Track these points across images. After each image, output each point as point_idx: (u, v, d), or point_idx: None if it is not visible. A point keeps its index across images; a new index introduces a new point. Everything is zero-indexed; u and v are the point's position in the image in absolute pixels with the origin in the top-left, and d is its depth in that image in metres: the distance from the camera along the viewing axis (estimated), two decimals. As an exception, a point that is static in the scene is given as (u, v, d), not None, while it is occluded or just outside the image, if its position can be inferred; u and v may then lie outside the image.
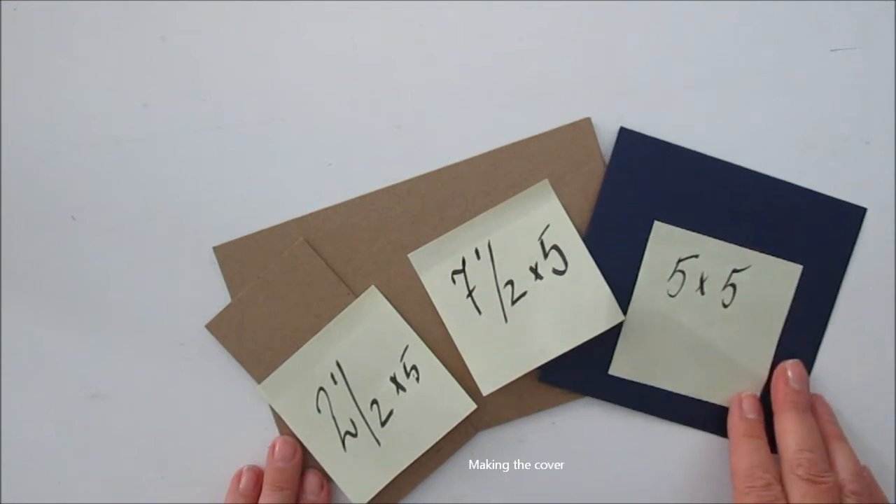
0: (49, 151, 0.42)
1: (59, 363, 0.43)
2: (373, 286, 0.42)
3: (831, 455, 0.39)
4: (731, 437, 0.40)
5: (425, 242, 0.42)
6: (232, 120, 0.42)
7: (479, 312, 0.41)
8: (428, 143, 0.42)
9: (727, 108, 0.42)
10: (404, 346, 0.42)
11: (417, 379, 0.42)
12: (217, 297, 0.42)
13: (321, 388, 0.42)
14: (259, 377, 0.42)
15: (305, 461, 0.43)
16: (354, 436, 0.42)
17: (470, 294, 0.42)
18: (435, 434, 0.42)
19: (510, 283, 0.41)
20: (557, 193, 0.41)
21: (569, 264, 0.41)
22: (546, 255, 0.41)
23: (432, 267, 0.42)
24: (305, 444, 0.42)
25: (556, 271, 0.41)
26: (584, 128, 0.41)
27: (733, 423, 0.41)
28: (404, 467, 0.42)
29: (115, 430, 0.43)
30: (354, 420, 0.42)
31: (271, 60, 0.42)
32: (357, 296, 0.42)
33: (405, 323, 0.42)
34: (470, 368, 0.41)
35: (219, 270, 0.42)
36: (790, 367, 0.41)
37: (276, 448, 0.42)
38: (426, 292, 0.42)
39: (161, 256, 0.42)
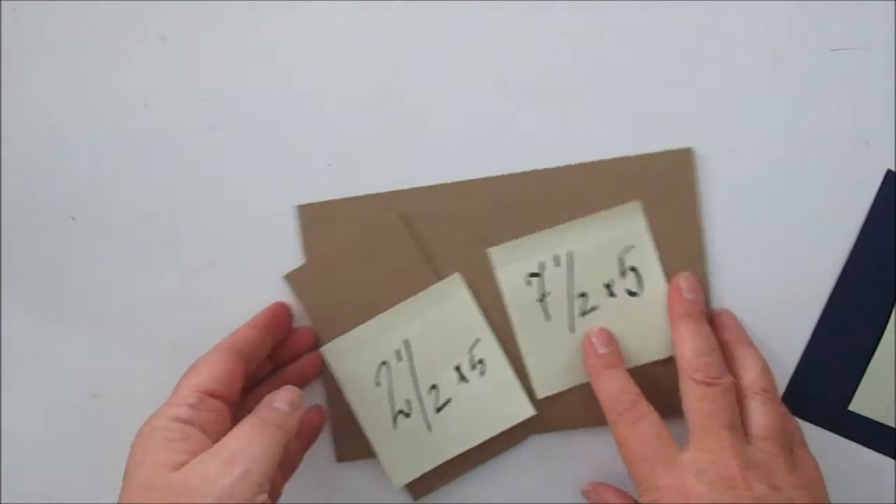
0: (49, 151, 0.42)
1: (59, 363, 0.43)
2: (457, 273, 0.42)
3: (739, 359, 0.39)
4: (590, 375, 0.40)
5: (508, 239, 0.41)
6: (232, 120, 0.42)
7: (548, 318, 0.41)
8: (428, 143, 0.42)
9: (727, 108, 0.42)
10: (476, 339, 0.42)
11: (482, 373, 0.42)
12: (216, 296, 0.42)
13: (384, 362, 0.42)
14: (325, 338, 0.42)
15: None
16: (407, 416, 0.42)
17: (542, 298, 0.41)
18: (487, 431, 0.42)
19: (583, 295, 0.41)
20: (646, 217, 0.41)
21: (644, 288, 0.41)
22: (623, 275, 0.41)
23: (510, 265, 0.41)
24: (357, 413, 0.41)
25: (629, 292, 0.41)
26: (684, 157, 0.41)
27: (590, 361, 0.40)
28: (450, 457, 0.42)
29: (115, 430, 0.43)
30: (410, 400, 0.42)
31: (271, 60, 0.42)
32: (441, 279, 0.42)
33: (482, 316, 0.42)
34: (528, 369, 0.41)
35: (217, 271, 0.42)
36: (683, 279, 0.40)
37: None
38: (499, 291, 0.42)
39: (161, 256, 0.42)
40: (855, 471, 0.42)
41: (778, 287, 0.42)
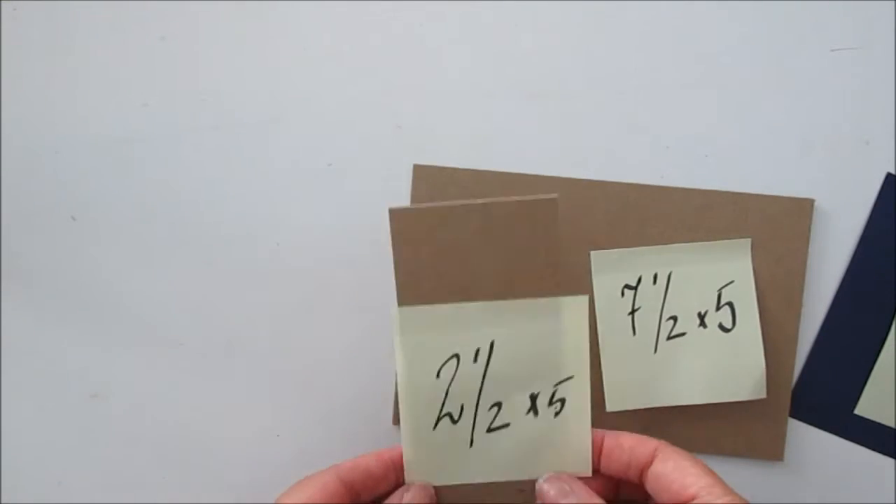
0: (49, 151, 0.42)
1: (59, 363, 0.43)
2: (586, 296, 0.36)
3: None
4: None
5: (612, 247, 0.41)
6: (232, 120, 0.42)
7: (634, 333, 0.41)
8: (428, 144, 0.42)
9: (727, 109, 0.42)
10: (569, 376, 0.36)
11: (556, 413, 0.36)
12: (213, 297, 0.42)
13: (456, 355, 0.36)
14: (403, 300, 0.35)
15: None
16: (454, 422, 0.36)
17: (632, 312, 0.41)
18: (533, 472, 0.36)
19: (674, 318, 0.41)
20: (753, 256, 0.41)
21: (736, 325, 0.41)
22: (718, 308, 0.41)
23: (608, 273, 0.41)
24: (400, 394, 0.36)
25: (721, 327, 0.41)
26: (804, 207, 0.41)
27: None
28: (478, 482, 0.36)
29: (115, 430, 0.43)
30: (465, 407, 0.36)
31: (271, 60, 0.42)
32: (560, 291, 0.36)
33: (587, 355, 0.36)
34: (604, 381, 0.41)
35: (213, 271, 0.42)
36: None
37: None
38: (591, 296, 0.41)
39: (161, 256, 0.42)
40: (862, 475, 0.42)
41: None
